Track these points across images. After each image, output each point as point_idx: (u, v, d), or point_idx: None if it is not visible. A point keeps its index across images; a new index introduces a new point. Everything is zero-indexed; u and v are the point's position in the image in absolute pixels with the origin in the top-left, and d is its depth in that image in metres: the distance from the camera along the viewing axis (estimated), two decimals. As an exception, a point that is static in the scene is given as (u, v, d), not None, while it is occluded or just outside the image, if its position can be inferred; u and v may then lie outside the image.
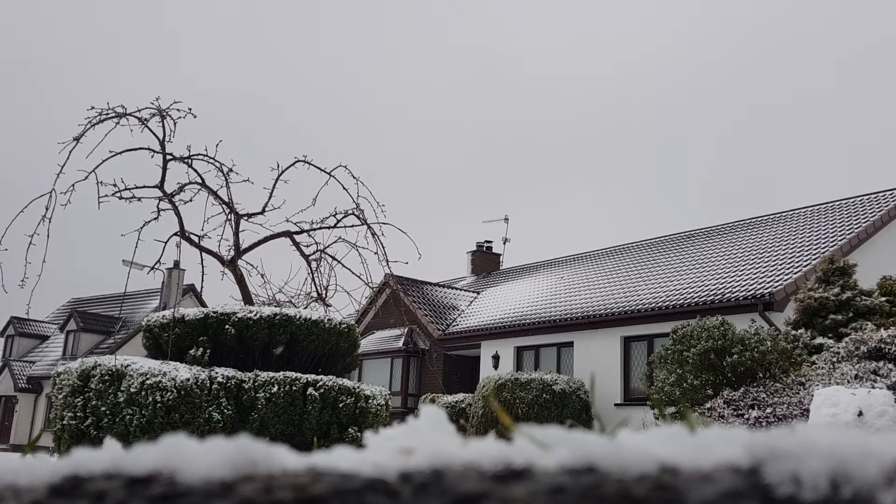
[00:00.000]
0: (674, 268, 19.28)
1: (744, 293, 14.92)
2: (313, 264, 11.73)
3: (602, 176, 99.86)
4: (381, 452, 0.40)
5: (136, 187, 10.56)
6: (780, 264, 16.16)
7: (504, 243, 31.20)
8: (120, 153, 10.30)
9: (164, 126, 10.68)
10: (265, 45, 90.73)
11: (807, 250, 16.55)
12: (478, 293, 26.49)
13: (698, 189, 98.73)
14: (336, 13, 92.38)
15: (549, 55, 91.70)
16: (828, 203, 20.49)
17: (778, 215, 21.14)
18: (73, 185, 9.77)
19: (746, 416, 8.97)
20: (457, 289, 26.91)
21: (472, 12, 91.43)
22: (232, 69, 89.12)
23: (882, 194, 19.35)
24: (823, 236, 17.28)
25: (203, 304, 29.35)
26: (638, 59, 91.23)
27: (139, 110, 10.58)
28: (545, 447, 0.39)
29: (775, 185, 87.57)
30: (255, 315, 9.11)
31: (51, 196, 9.55)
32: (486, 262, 30.77)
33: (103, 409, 7.84)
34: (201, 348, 8.72)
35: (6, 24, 78.29)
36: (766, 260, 16.85)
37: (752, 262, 17.12)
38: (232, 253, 11.03)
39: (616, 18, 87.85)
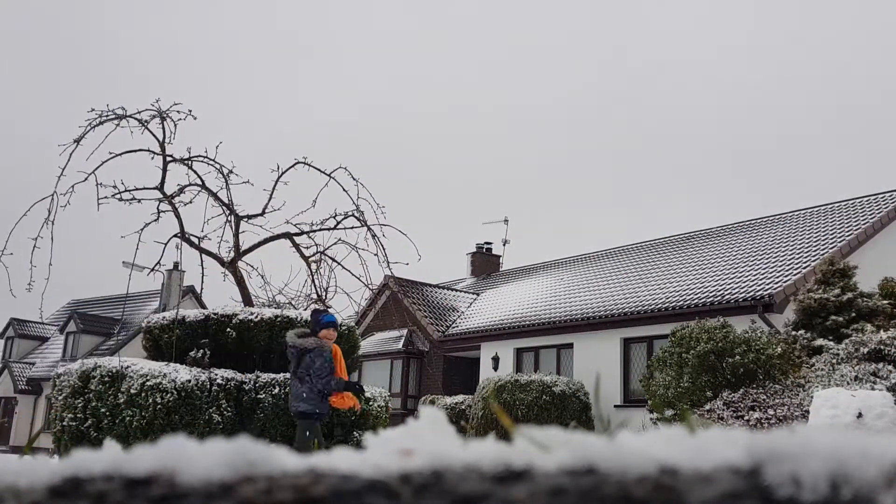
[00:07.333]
0: (673, 269, 19.28)
1: (743, 294, 14.92)
2: (313, 266, 11.73)
3: (603, 178, 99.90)
4: (381, 454, 0.40)
5: (137, 189, 10.56)
6: (781, 265, 16.16)
7: (504, 245, 31.20)
8: (120, 154, 10.31)
9: (164, 128, 10.68)
10: (264, 44, 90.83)
11: (807, 251, 16.55)
12: (477, 295, 26.47)
13: (698, 191, 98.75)
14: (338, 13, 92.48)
15: (553, 59, 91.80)
16: (828, 204, 20.49)
17: (778, 216, 21.14)
18: (72, 187, 9.77)
19: (746, 418, 8.97)
20: (456, 290, 26.88)
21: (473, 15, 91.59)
22: (231, 69, 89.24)
23: (882, 196, 19.36)
24: (823, 238, 17.28)
25: (203, 306, 29.34)
26: (638, 64, 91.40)
27: (139, 112, 10.59)
28: (545, 448, 0.39)
29: (780, 186, 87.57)
30: (256, 317, 9.11)
31: (52, 199, 9.56)
32: (485, 264, 30.74)
33: (103, 410, 7.83)
34: (201, 350, 8.71)
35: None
36: (766, 261, 16.84)
37: (751, 263, 17.12)
38: (232, 254, 11.03)
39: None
